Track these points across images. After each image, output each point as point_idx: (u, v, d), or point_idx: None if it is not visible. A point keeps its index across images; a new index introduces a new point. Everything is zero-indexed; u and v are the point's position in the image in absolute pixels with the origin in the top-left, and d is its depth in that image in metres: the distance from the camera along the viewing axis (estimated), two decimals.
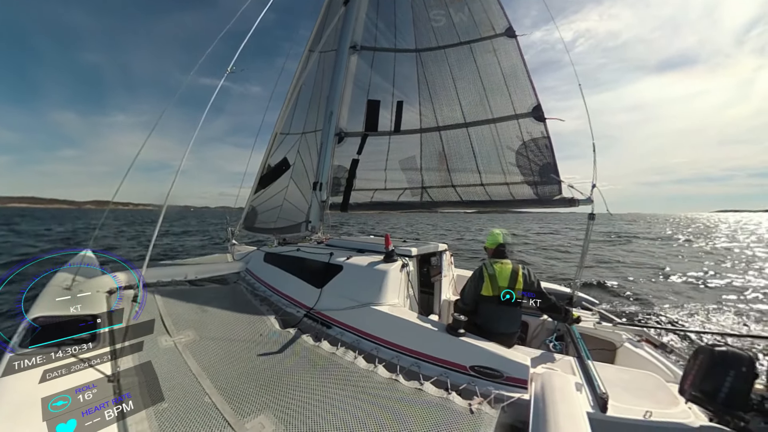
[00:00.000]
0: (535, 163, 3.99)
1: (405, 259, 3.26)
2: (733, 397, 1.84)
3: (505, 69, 4.26)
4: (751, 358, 1.90)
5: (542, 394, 2.02)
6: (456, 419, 1.84)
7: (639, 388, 2.25)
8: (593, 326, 3.20)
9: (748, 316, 6.37)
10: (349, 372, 2.33)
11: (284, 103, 5.00)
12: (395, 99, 4.89)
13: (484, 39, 4.45)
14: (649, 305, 7.03)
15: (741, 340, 4.72)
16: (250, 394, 2.02)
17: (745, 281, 9.49)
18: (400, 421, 1.80)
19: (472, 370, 2.31)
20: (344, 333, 2.95)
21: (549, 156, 3.93)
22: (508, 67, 4.26)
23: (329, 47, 5.23)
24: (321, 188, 4.94)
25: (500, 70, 4.28)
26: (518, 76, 4.20)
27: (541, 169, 3.94)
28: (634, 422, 1.96)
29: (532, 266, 3.96)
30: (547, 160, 3.93)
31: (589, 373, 2.32)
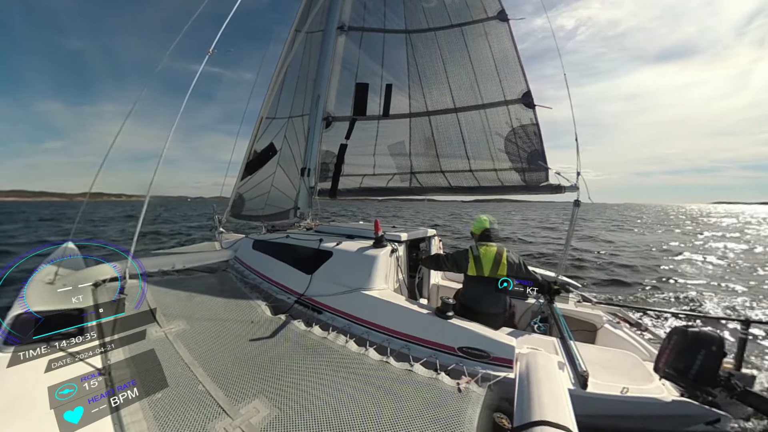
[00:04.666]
0: (524, 149, 3.97)
1: (394, 245, 3.28)
2: (703, 374, 1.99)
3: (497, 54, 4.18)
4: (721, 339, 2.03)
5: (527, 373, 2.09)
6: (445, 398, 1.90)
7: (617, 367, 2.36)
8: (574, 306, 3.35)
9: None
10: (340, 355, 2.37)
11: (270, 87, 4.85)
12: (384, 82, 4.78)
13: (476, 22, 4.35)
14: (628, 287, 7.28)
15: (711, 322, 4.96)
16: (243, 380, 2.04)
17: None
18: (391, 400, 1.86)
19: (460, 351, 2.39)
20: (335, 318, 2.98)
21: (537, 143, 3.90)
22: (499, 51, 4.18)
23: (316, 27, 5.05)
24: (309, 174, 4.86)
25: (491, 55, 4.20)
26: (509, 62, 4.13)
27: (529, 156, 3.92)
28: (612, 398, 2.07)
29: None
30: (535, 147, 3.91)
31: (571, 353, 2.42)
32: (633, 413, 2.11)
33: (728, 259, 11.15)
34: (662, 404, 2.03)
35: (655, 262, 10.10)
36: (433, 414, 1.75)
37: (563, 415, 1.64)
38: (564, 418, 1.61)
